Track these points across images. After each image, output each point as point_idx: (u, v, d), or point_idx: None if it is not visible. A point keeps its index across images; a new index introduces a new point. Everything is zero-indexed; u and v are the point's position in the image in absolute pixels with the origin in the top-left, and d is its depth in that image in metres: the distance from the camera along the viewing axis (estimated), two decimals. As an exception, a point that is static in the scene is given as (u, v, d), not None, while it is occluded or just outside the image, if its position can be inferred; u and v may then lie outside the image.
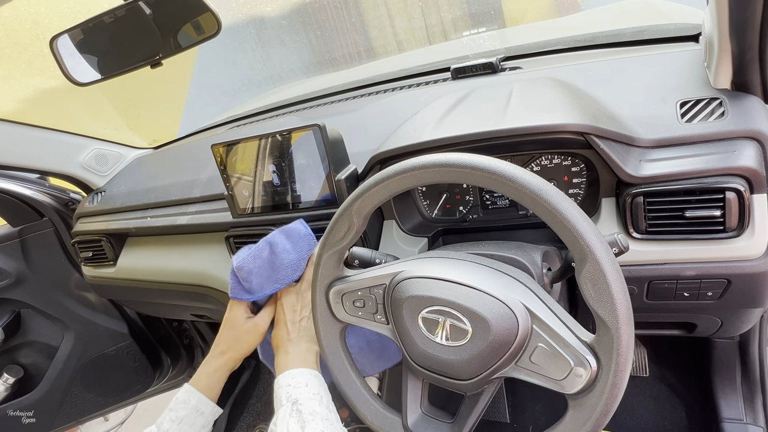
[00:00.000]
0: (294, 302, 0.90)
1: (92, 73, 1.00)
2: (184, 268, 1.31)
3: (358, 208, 0.69)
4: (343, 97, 1.47)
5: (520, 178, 0.55)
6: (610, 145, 0.78)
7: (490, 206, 1.01)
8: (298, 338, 0.86)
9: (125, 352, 1.96)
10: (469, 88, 1.07)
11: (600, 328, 0.54)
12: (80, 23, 0.96)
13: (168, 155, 1.69)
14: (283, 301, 0.91)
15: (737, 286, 0.78)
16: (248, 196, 1.08)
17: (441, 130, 0.89)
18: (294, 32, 4.39)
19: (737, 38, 0.68)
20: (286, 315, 0.89)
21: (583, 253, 0.53)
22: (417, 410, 0.74)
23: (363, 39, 4.34)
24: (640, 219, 0.78)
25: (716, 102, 0.78)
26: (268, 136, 1.00)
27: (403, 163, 0.63)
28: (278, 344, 0.88)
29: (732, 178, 0.72)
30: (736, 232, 0.73)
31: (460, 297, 0.62)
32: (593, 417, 0.56)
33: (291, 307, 0.90)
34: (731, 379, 1.27)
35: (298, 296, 0.91)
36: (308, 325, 0.88)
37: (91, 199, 1.61)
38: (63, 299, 1.81)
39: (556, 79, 0.97)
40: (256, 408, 2.09)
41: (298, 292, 0.91)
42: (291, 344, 0.85)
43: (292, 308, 0.89)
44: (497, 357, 0.61)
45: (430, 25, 3.93)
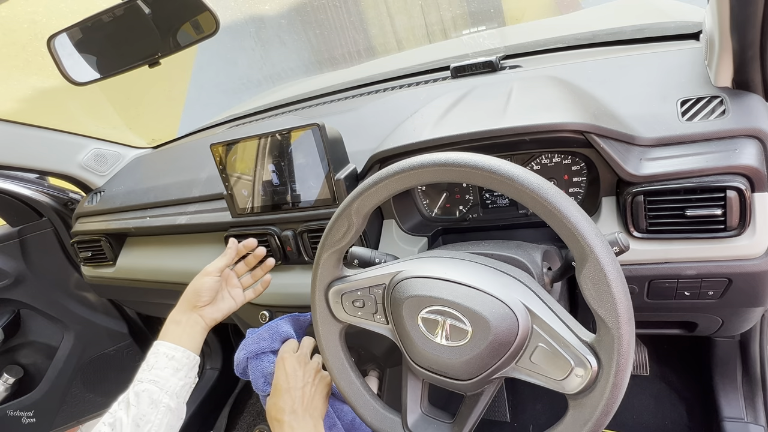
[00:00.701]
0: (296, 367, 0.87)
1: (90, 72, 0.99)
2: (183, 268, 1.31)
3: (357, 207, 0.68)
4: (342, 96, 1.47)
5: (520, 178, 0.55)
6: (611, 143, 0.77)
7: (490, 205, 1.01)
8: (304, 412, 0.82)
9: (125, 352, 1.96)
10: (468, 86, 1.07)
11: (600, 328, 0.54)
12: (78, 22, 0.95)
13: (167, 155, 1.68)
14: (285, 366, 0.88)
15: (738, 285, 0.78)
16: (247, 196, 1.08)
17: (440, 129, 0.88)
18: (293, 31, 4.38)
19: (738, 36, 0.67)
20: (289, 382, 0.85)
21: (584, 252, 0.53)
22: (417, 410, 0.73)
23: (363, 37, 4.33)
24: (640, 218, 0.78)
25: (717, 100, 0.78)
26: (267, 136, 1.00)
27: (402, 163, 0.63)
28: (279, 415, 0.82)
29: (733, 176, 0.72)
30: (737, 231, 0.73)
31: (459, 297, 0.62)
32: (594, 417, 0.55)
33: (293, 373, 0.86)
34: (732, 378, 1.27)
35: (299, 361, 0.88)
36: (312, 394, 0.85)
37: (91, 199, 1.61)
38: (62, 299, 1.80)
39: (555, 78, 0.97)
40: (257, 407, 2.09)
41: (299, 357, 0.89)
42: (296, 419, 0.81)
43: (294, 374, 0.86)
44: (497, 357, 0.61)
45: (430, 24, 3.92)
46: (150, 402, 0.75)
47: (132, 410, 0.74)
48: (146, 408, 0.75)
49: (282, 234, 1.07)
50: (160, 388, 0.77)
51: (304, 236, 1.05)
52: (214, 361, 2.16)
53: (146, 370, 0.79)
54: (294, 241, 1.07)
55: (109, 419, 0.74)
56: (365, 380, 0.80)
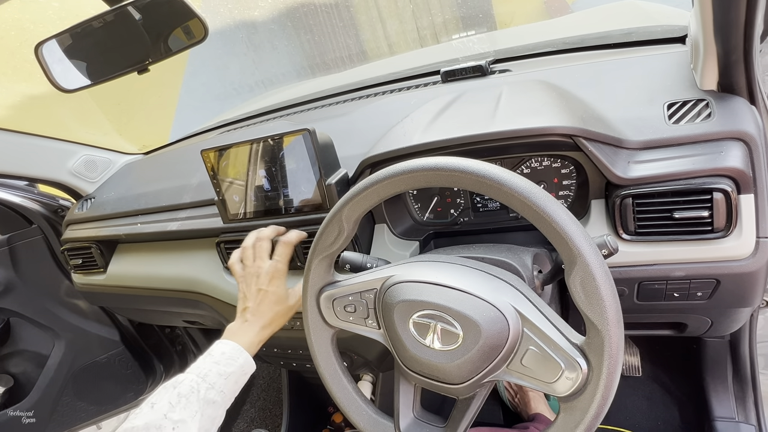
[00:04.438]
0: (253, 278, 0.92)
1: (79, 79, 0.99)
2: (175, 275, 1.30)
3: (347, 213, 0.69)
4: (333, 101, 1.47)
5: (508, 182, 0.55)
6: (599, 147, 0.78)
7: (481, 209, 1.01)
8: (254, 318, 0.88)
9: (117, 360, 1.94)
10: (458, 91, 1.07)
11: (590, 331, 0.54)
12: (67, 29, 0.95)
13: (158, 161, 1.67)
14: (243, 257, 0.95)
15: (726, 286, 0.79)
16: (239, 202, 1.07)
17: (430, 133, 0.89)
18: (285, 36, 4.39)
19: (722, 40, 0.68)
20: (250, 287, 0.91)
21: (572, 256, 0.53)
22: (409, 415, 0.73)
23: (354, 42, 4.34)
24: (629, 220, 0.79)
25: (703, 103, 0.79)
26: (257, 141, 1.00)
27: (392, 168, 0.63)
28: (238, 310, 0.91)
29: (719, 178, 0.73)
30: (724, 233, 0.74)
31: (450, 301, 0.62)
32: (585, 419, 0.56)
33: (254, 280, 0.91)
34: (723, 378, 1.28)
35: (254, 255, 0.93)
36: (265, 308, 0.90)
37: (81, 206, 1.60)
38: (53, 307, 1.79)
39: (544, 82, 0.98)
40: (250, 414, 2.08)
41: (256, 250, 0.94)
42: (248, 322, 0.88)
43: (255, 280, 0.91)
44: (488, 361, 0.61)
45: (421, 28, 3.94)
46: None
47: None
48: None
49: (274, 240, 1.07)
50: None
51: (295, 241, 1.04)
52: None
53: None
54: (286, 247, 1.06)
55: None
56: (359, 385, 0.80)
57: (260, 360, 1.31)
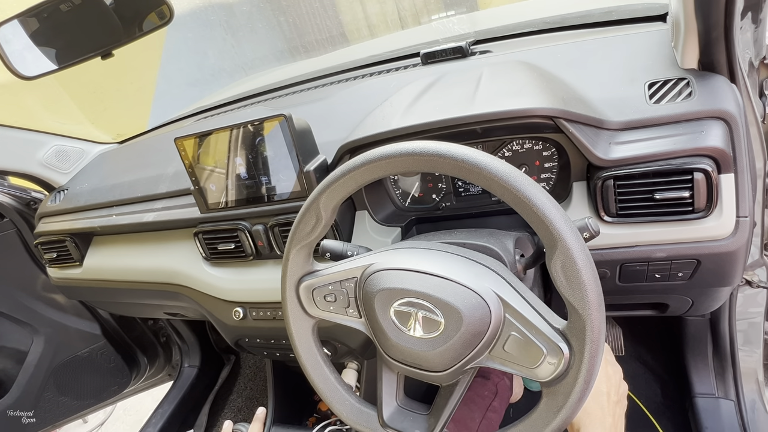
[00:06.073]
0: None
1: (39, 65, 0.94)
2: (153, 267, 1.27)
3: (324, 201, 0.67)
4: (312, 85, 1.43)
5: (487, 166, 0.54)
6: (580, 128, 0.77)
7: (463, 193, 1.00)
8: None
9: (99, 354, 1.91)
10: (438, 73, 1.05)
11: (571, 315, 0.54)
12: (25, 11, 0.90)
13: (133, 150, 1.63)
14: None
15: (706, 265, 0.79)
16: (216, 191, 1.05)
17: (409, 117, 0.87)
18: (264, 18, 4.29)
19: (702, 17, 0.67)
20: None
21: (553, 240, 0.52)
22: (392, 403, 0.73)
23: (335, 24, 4.26)
24: (610, 202, 0.78)
25: (684, 82, 0.78)
26: (233, 128, 0.97)
27: (369, 154, 0.61)
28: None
29: (700, 158, 0.72)
30: (704, 213, 0.74)
31: (431, 288, 0.61)
32: (567, 403, 0.55)
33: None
34: (703, 355, 1.30)
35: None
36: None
37: (53, 198, 1.55)
38: (30, 302, 1.75)
39: (525, 63, 0.96)
40: (237, 404, 2.07)
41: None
42: None
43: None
44: (471, 347, 0.60)
45: (402, 9, 3.88)
46: None
47: None
48: None
49: (252, 229, 1.05)
50: None
51: (275, 230, 1.02)
52: (191, 358, 2.13)
53: None
54: (265, 236, 1.04)
55: None
56: (344, 373, 0.79)
57: (244, 351, 1.30)
